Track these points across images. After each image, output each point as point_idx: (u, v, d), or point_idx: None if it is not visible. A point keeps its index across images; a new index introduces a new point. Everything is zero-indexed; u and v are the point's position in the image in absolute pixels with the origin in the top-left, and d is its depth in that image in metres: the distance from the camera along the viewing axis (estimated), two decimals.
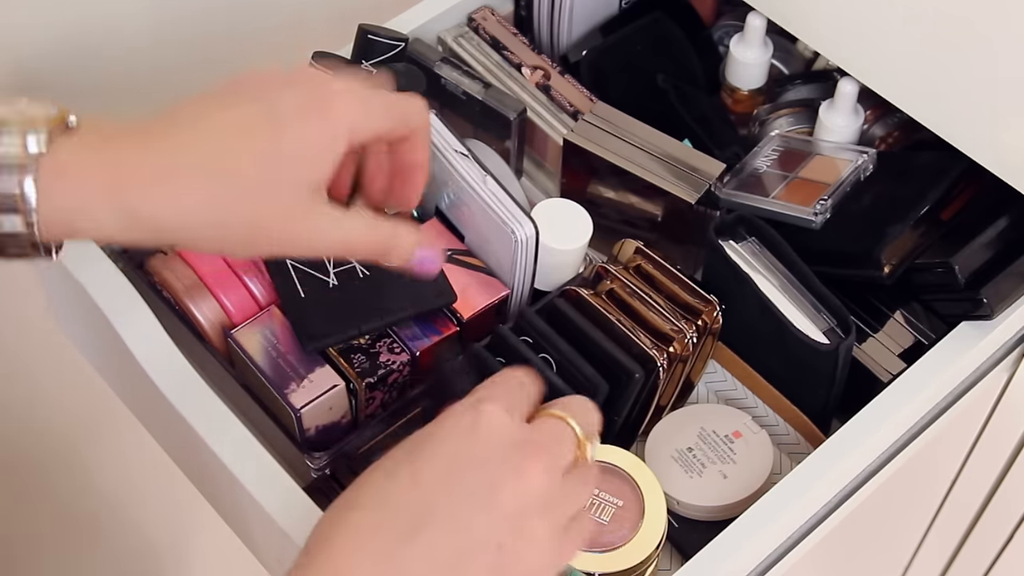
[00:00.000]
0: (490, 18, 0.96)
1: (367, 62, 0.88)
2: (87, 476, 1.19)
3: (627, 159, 0.86)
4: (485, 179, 0.79)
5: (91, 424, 1.14)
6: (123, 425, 1.00)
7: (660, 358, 0.76)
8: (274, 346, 0.78)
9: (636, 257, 0.82)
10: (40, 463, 1.13)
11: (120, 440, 1.16)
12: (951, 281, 0.78)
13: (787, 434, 0.84)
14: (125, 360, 0.76)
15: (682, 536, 0.77)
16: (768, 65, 0.95)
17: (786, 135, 0.92)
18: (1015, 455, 1.00)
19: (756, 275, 0.81)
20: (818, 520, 0.77)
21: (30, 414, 1.08)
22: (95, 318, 0.77)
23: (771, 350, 0.82)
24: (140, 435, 0.92)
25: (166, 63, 0.94)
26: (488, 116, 0.90)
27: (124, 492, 1.23)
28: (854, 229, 0.82)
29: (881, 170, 0.85)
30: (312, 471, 0.77)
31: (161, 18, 0.92)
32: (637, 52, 0.96)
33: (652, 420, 0.81)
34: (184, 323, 0.80)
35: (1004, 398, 0.91)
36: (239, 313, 0.80)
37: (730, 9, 1.01)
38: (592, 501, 0.73)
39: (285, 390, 0.76)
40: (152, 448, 0.91)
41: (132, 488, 1.23)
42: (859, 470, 0.77)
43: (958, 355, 0.78)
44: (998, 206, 0.81)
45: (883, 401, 0.76)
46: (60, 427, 1.12)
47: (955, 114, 0.79)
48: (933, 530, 1.15)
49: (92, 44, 0.89)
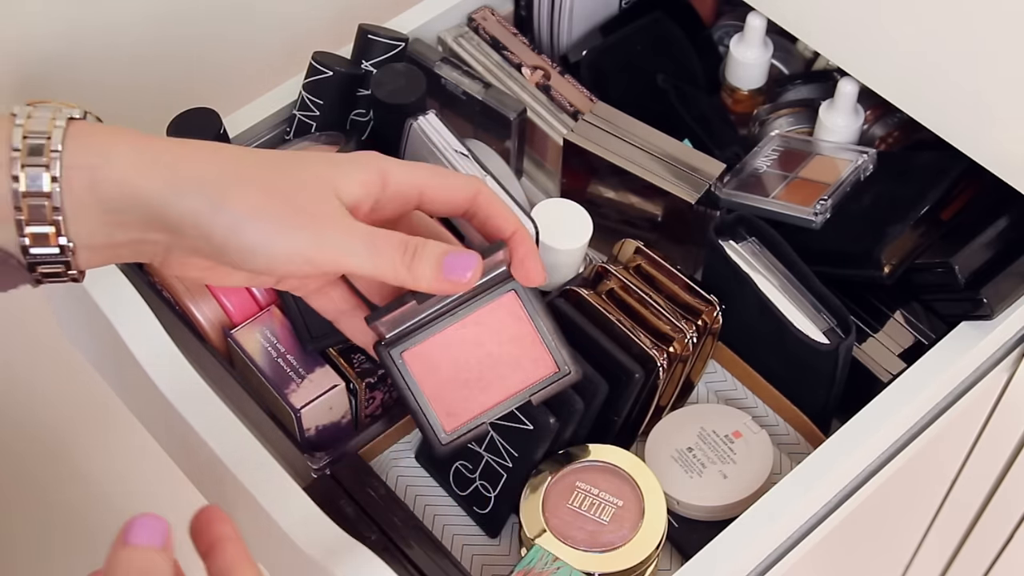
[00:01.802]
0: (490, 18, 0.96)
1: (367, 62, 0.88)
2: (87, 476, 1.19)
3: (627, 159, 0.86)
4: (485, 179, 0.79)
5: (91, 424, 1.14)
6: (123, 425, 1.00)
7: (660, 358, 0.76)
8: (274, 346, 0.78)
9: (636, 257, 0.82)
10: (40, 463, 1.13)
11: (120, 440, 1.16)
12: (951, 281, 0.78)
13: (787, 434, 0.84)
14: (125, 360, 0.76)
15: (682, 536, 0.77)
16: (768, 65, 0.95)
17: (786, 135, 0.92)
18: (1015, 455, 1.00)
19: (756, 275, 0.81)
20: (818, 520, 0.77)
21: (30, 414, 1.09)
22: (95, 318, 0.77)
23: (771, 350, 0.82)
24: (140, 435, 0.92)
25: (166, 63, 0.94)
26: (488, 116, 0.90)
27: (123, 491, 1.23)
28: (854, 229, 0.82)
29: (881, 170, 0.85)
30: (312, 471, 0.77)
31: (161, 18, 0.92)
32: (637, 52, 0.96)
33: (652, 420, 0.81)
34: (184, 323, 0.80)
35: (1004, 398, 0.91)
36: (239, 313, 0.80)
37: (730, 9, 1.01)
38: (593, 501, 0.73)
39: (285, 390, 0.76)
40: (152, 448, 0.91)
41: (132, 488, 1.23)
42: (859, 470, 0.77)
43: (958, 355, 0.78)
44: (998, 206, 0.81)
45: (883, 401, 0.76)
46: (60, 427, 1.12)
47: (955, 114, 0.79)
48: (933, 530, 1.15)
49: (92, 45, 0.89)
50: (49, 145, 0.55)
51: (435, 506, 0.81)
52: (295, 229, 0.57)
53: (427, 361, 0.66)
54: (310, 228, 0.57)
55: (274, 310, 0.79)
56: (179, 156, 0.57)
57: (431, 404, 0.67)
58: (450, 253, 0.60)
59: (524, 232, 0.64)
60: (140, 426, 0.90)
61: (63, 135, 0.55)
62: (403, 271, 0.59)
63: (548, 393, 0.68)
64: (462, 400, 0.67)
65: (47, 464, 1.14)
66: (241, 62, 0.98)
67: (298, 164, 0.59)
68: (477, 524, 0.79)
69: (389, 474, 0.82)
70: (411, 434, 0.83)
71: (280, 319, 0.79)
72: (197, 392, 0.74)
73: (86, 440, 1.15)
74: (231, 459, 0.71)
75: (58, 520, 1.20)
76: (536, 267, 0.65)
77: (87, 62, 0.89)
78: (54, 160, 0.55)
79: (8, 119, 0.56)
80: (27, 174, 0.54)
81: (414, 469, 0.82)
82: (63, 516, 1.20)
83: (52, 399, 1.09)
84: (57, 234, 0.56)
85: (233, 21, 0.96)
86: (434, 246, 0.60)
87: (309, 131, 0.87)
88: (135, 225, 0.57)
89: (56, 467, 1.15)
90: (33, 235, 0.55)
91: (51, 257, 0.56)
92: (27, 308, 0.97)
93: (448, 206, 0.63)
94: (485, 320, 0.66)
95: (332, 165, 0.60)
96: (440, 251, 0.60)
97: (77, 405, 1.10)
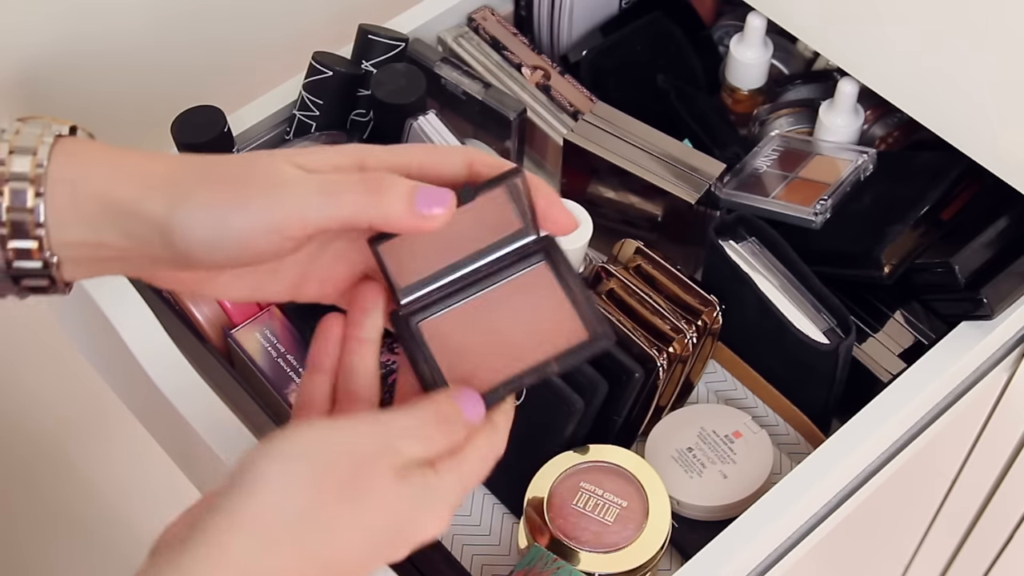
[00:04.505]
0: (490, 18, 0.96)
1: (367, 62, 0.88)
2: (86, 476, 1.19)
3: (627, 159, 0.86)
4: None
5: (91, 424, 1.14)
6: (123, 425, 1.00)
7: (660, 358, 0.76)
8: (274, 346, 0.78)
9: (636, 257, 0.82)
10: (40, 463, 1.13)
11: (120, 440, 1.16)
12: (951, 281, 0.78)
13: (787, 434, 0.84)
14: (125, 360, 0.76)
15: (682, 536, 0.77)
16: (768, 65, 0.95)
17: (786, 135, 0.92)
18: (1015, 455, 1.00)
19: (756, 275, 0.81)
20: (818, 520, 0.77)
21: (31, 414, 1.09)
22: (96, 318, 0.77)
23: (771, 350, 0.82)
24: (140, 435, 0.92)
25: (166, 63, 0.94)
26: (488, 116, 0.90)
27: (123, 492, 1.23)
28: (854, 229, 0.82)
29: (881, 170, 0.85)
30: None
31: (160, 18, 0.92)
32: (637, 52, 0.96)
33: (652, 420, 0.81)
34: (184, 323, 0.80)
35: (1004, 398, 0.91)
36: (239, 313, 0.80)
37: (730, 9, 1.02)
38: (598, 502, 0.73)
39: (285, 390, 0.76)
40: (152, 448, 0.91)
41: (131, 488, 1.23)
42: (859, 470, 0.77)
43: (958, 355, 0.78)
44: (998, 206, 0.81)
45: (883, 401, 0.76)
46: (60, 427, 1.12)
47: (955, 114, 0.79)
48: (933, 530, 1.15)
49: (92, 45, 0.89)
50: (35, 159, 0.55)
51: None
52: (246, 205, 0.54)
53: (447, 333, 0.62)
54: (262, 197, 0.54)
55: (274, 310, 0.79)
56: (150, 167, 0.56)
57: (446, 376, 0.61)
58: (421, 187, 0.55)
59: (538, 181, 0.59)
60: (140, 426, 0.90)
61: (50, 150, 0.55)
62: (370, 209, 0.55)
63: (573, 360, 0.61)
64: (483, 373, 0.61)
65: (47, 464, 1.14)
66: (241, 62, 0.98)
67: (263, 155, 0.57)
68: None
69: None
70: None
71: (280, 319, 0.79)
72: (197, 392, 0.74)
73: (86, 440, 1.15)
74: (231, 459, 0.71)
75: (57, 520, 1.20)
76: (564, 214, 0.60)
77: (87, 62, 0.89)
78: (39, 176, 0.54)
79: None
80: (11, 188, 0.54)
81: None
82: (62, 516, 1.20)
83: (52, 399, 1.09)
84: (40, 249, 0.55)
85: (233, 21, 0.96)
86: (402, 180, 0.55)
87: (309, 131, 0.87)
88: (115, 238, 0.56)
89: (56, 467, 1.15)
90: (16, 250, 0.55)
91: (35, 271, 0.56)
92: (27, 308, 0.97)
93: (441, 180, 0.58)
94: (512, 293, 0.62)
95: (299, 152, 0.57)
96: (410, 184, 0.55)
97: (77, 405, 1.10)
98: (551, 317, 0.61)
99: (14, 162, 0.55)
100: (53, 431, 1.11)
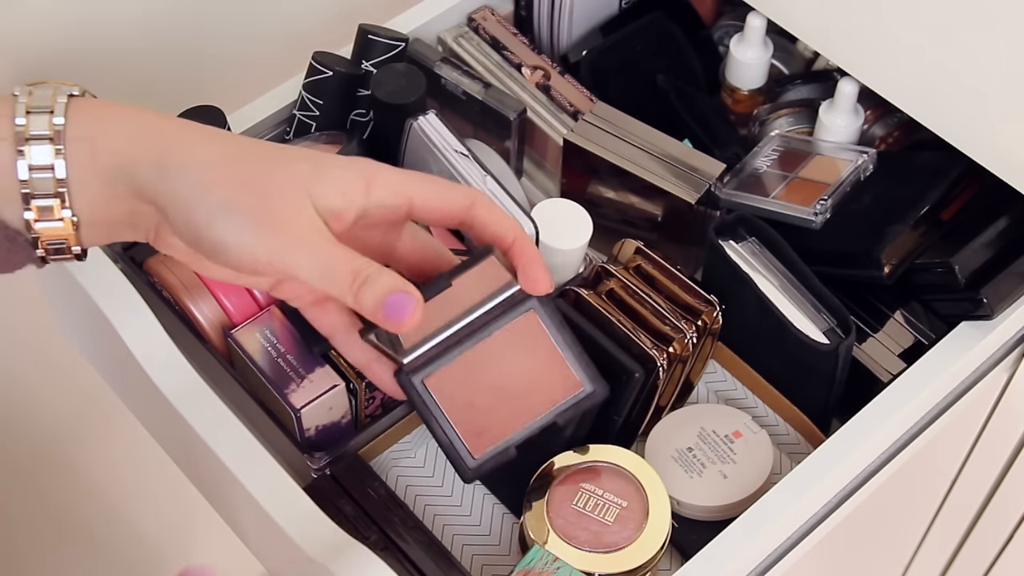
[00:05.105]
0: (490, 18, 0.96)
1: (367, 62, 0.88)
2: (86, 476, 1.19)
3: (627, 159, 0.86)
4: (485, 179, 0.79)
5: (91, 424, 1.14)
6: (123, 425, 1.00)
7: (660, 358, 0.76)
8: (274, 346, 0.78)
9: (636, 257, 0.82)
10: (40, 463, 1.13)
11: (120, 440, 1.16)
12: (951, 281, 0.78)
13: (787, 434, 0.84)
14: (125, 360, 0.76)
15: (682, 536, 0.77)
16: (768, 65, 0.95)
17: (786, 135, 0.92)
18: (1015, 455, 1.00)
19: (756, 275, 0.81)
20: (818, 520, 0.77)
21: (30, 414, 1.09)
22: (95, 318, 0.77)
23: (771, 350, 0.82)
24: (140, 435, 0.92)
25: (166, 63, 0.94)
26: (488, 116, 0.90)
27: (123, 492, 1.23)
28: (854, 229, 0.82)
29: (881, 170, 0.85)
30: (312, 471, 0.77)
31: (160, 18, 0.92)
32: (637, 52, 0.96)
33: (652, 420, 0.81)
34: (184, 323, 0.80)
35: (1004, 398, 0.91)
36: (239, 313, 0.80)
37: (730, 9, 1.02)
38: (598, 502, 0.73)
39: (285, 390, 0.76)
40: (152, 448, 0.91)
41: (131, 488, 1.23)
42: (859, 470, 0.77)
43: (958, 355, 0.78)
44: (998, 206, 0.81)
45: (883, 401, 0.76)
46: (60, 427, 1.12)
47: (955, 114, 0.79)
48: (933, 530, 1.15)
49: (91, 45, 0.89)
50: (52, 119, 0.56)
51: (435, 506, 0.81)
52: (261, 234, 0.57)
53: (450, 386, 0.66)
54: (274, 236, 0.57)
55: (274, 310, 0.79)
56: (174, 136, 0.58)
57: (457, 429, 0.66)
58: (395, 292, 0.58)
59: (525, 240, 0.63)
60: (140, 426, 0.90)
61: (65, 109, 0.56)
62: (350, 298, 0.58)
63: (574, 412, 0.67)
64: (488, 424, 0.66)
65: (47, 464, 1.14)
66: (241, 62, 0.98)
67: (283, 162, 0.59)
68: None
69: (389, 474, 0.82)
70: (411, 434, 0.83)
71: (280, 319, 0.79)
72: (197, 392, 0.74)
73: (86, 440, 1.15)
74: (231, 459, 0.71)
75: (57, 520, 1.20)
76: (542, 274, 0.63)
77: (87, 63, 0.89)
78: (58, 133, 0.56)
79: (9, 98, 0.56)
80: (32, 147, 0.55)
81: (414, 469, 0.82)
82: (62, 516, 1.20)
83: (52, 399, 1.09)
84: (62, 206, 0.56)
85: (233, 21, 0.96)
86: (385, 280, 0.58)
87: (309, 131, 0.87)
88: (127, 197, 0.57)
89: (56, 467, 1.15)
90: (39, 208, 0.56)
91: (56, 232, 0.57)
92: (27, 308, 0.97)
93: (441, 216, 0.62)
94: (506, 341, 0.66)
95: (315, 168, 0.59)
96: (387, 287, 0.58)
97: (77, 405, 1.10)
98: (546, 368, 0.67)
99: (33, 122, 0.56)
100: (53, 431, 1.11)
